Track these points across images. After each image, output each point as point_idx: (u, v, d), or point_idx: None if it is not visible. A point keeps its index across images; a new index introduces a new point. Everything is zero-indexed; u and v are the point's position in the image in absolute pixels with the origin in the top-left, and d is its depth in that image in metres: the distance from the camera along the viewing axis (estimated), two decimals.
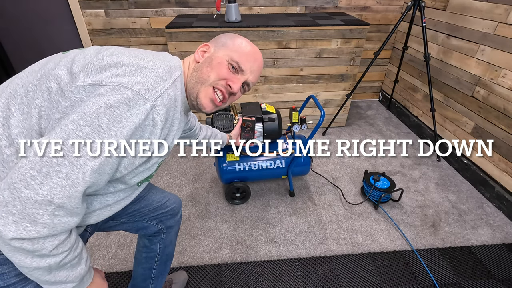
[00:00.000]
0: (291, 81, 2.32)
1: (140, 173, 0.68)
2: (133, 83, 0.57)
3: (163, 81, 0.62)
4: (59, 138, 0.51)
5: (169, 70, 0.66)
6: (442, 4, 2.14)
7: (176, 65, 0.71)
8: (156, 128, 0.60)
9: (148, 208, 0.95)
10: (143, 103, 0.57)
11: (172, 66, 0.68)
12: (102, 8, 2.41)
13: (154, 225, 0.98)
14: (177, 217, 1.05)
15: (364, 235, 1.56)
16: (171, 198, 1.02)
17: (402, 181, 1.94)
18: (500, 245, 1.50)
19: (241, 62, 0.74)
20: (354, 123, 2.66)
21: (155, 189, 1.00)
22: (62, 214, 0.53)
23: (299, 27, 2.07)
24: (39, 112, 0.58)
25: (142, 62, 0.62)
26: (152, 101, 0.58)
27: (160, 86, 0.60)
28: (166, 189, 1.86)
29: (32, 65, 0.66)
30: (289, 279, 1.34)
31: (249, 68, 0.76)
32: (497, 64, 1.72)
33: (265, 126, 1.58)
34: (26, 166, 0.50)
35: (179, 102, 0.68)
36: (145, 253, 1.04)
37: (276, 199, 1.79)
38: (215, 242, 1.51)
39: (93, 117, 0.53)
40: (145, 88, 0.58)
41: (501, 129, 1.72)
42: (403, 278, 1.35)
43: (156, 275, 1.07)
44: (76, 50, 0.67)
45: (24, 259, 0.52)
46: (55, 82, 0.59)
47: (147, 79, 0.59)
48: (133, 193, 0.78)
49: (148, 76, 0.60)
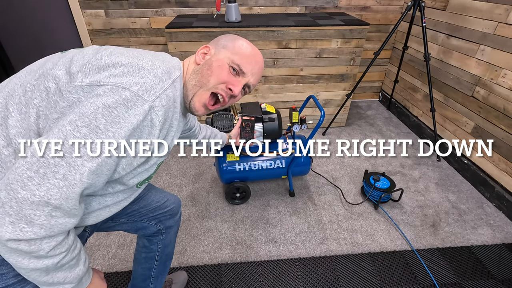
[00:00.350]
0: (291, 81, 2.32)
1: (139, 174, 0.68)
2: (131, 84, 0.57)
3: (162, 81, 0.61)
4: (56, 139, 0.51)
5: (168, 71, 0.65)
6: (442, 4, 2.14)
7: (176, 65, 0.70)
8: (154, 129, 0.60)
9: (147, 208, 0.95)
10: (141, 104, 0.56)
11: (172, 67, 0.68)
12: (102, 8, 2.41)
13: (153, 225, 0.98)
14: (176, 217, 1.05)
15: (364, 235, 1.56)
16: (170, 198, 1.02)
17: (402, 181, 1.94)
18: (500, 245, 1.50)
19: (242, 65, 0.74)
20: (354, 123, 2.66)
21: (154, 189, 1.00)
22: (59, 215, 0.52)
23: (299, 27, 2.07)
24: (37, 112, 0.57)
25: (140, 63, 0.61)
26: (151, 102, 0.57)
27: (159, 86, 0.60)
28: (166, 189, 1.86)
29: (31, 64, 0.65)
30: (289, 279, 1.34)
31: (250, 70, 0.75)
32: (497, 64, 1.72)
33: (265, 126, 1.58)
34: (23, 167, 0.50)
35: (178, 103, 0.67)
36: (144, 253, 1.04)
37: (276, 199, 1.79)
38: (215, 242, 1.51)
39: (90, 117, 0.53)
40: (143, 89, 0.57)
41: (501, 129, 1.72)
42: (403, 278, 1.35)
43: (156, 275, 1.07)
44: (74, 50, 0.66)
45: (21, 260, 0.52)
46: (53, 82, 0.58)
47: (146, 79, 0.59)
48: (133, 195, 0.77)
49: (147, 76, 0.59)
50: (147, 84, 0.58)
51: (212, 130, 1.27)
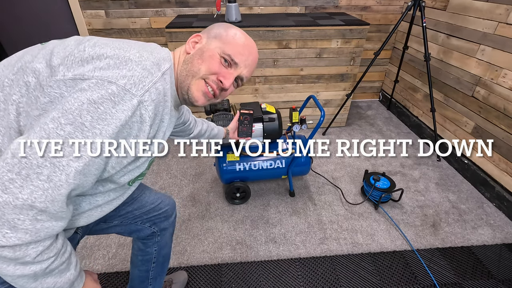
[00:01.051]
0: (291, 81, 2.32)
1: (130, 172, 0.65)
2: (118, 77, 0.53)
3: (151, 74, 0.58)
4: (38, 138, 0.48)
5: (157, 63, 0.62)
6: (442, 4, 2.13)
7: (165, 57, 0.66)
8: (144, 125, 0.57)
9: (141, 210, 0.92)
10: (130, 98, 0.53)
11: (161, 58, 0.64)
12: (102, 8, 2.41)
13: (147, 227, 0.96)
14: (171, 219, 1.02)
15: (364, 235, 1.56)
16: (164, 200, 0.99)
17: (402, 181, 1.94)
18: (501, 245, 1.50)
19: (234, 55, 0.69)
20: (354, 123, 2.66)
21: (148, 190, 0.97)
22: (45, 219, 0.49)
23: (299, 27, 2.07)
24: (17, 109, 0.54)
25: (127, 54, 0.57)
26: (139, 96, 0.54)
27: (148, 79, 0.57)
28: (166, 189, 1.86)
29: (8, 57, 0.61)
30: (289, 279, 1.34)
31: (243, 61, 0.71)
32: (497, 64, 1.72)
33: (265, 126, 1.58)
34: (4, 169, 0.46)
35: (169, 97, 0.64)
36: (140, 256, 1.02)
37: (276, 199, 1.79)
38: (215, 242, 1.51)
39: (75, 114, 0.49)
40: (131, 83, 0.54)
41: (502, 129, 1.71)
42: (403, 278, 1.35)
43: (154, 276, 1.05)
44: (55, 41, 0.62)
45: (6, 267, 0.48)
46: (33, 76, 0.55)
47: (133, 72, 0.55)
48: (125, 193, 0.75)
49: (135, 69, 0.56)
50: (135, 77, 0.55)
51: (208, 124, 1.21)
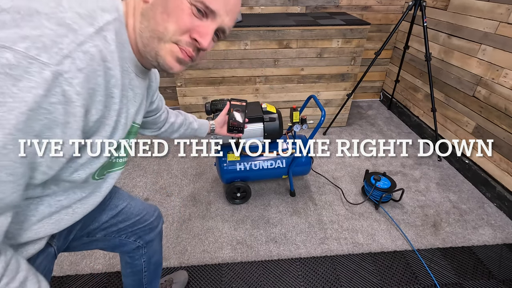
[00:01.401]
0: (292, 81, 2.32)
1: (83, 167, 0.51)
2: (15, 39, 0.36)
3: (74, 32, 0.41)
4: None
5: (90, 14, 0.44)
6: (443, 3, 2.13)
7: (108, 5, 0.48)
8: (72, 107, 0.41)
9: (126, 223, 0.84)
10: (38, 70, 0.37)
11: (99, 8, 0.46)
12: None
13: (132, 242, 0.88)
14: (157, 230, 0.95)
15: (364, 235, 1.56)
16: (150, 211, 0.91)
17: (403, 181, 1.93)
18: (501, 245, 1.50)
19: (209, 1, 0.50)
20: (355, 123, 2.66)
21: (134, 201, 0.88)
22: None
23: (300, 27, 2.07)
24: None
25: (34, 5, 0.40)
26: (54, 66, 0.38)
27: (67, 40, 0.40)
28: (166, 188, 1.86)
29: None
30: (289, 279, 1.34)
31: (223, 7, 0.52)
32: (498, 64, 1.72)
33: (265, 126, 1.58)
34: None
35: (116, 62, 0.48)
36: (130, 269, 0.96)
37: (277, 199, 1.79)
38: (215, 242, 1.51)
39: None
40: (37, 46, 0.37)
41: (503, 129, 1.71)
42: (404, 278, 1.35)
43: (149, 281, 1.01)
44: None
45: None
46: None
47: (43, 30, 0.38)
48: (99, 188, 0.62)
49: (44, 25, 0.39)
50: (45, 37, 0.38)
51: (185, 116, 1.00)
